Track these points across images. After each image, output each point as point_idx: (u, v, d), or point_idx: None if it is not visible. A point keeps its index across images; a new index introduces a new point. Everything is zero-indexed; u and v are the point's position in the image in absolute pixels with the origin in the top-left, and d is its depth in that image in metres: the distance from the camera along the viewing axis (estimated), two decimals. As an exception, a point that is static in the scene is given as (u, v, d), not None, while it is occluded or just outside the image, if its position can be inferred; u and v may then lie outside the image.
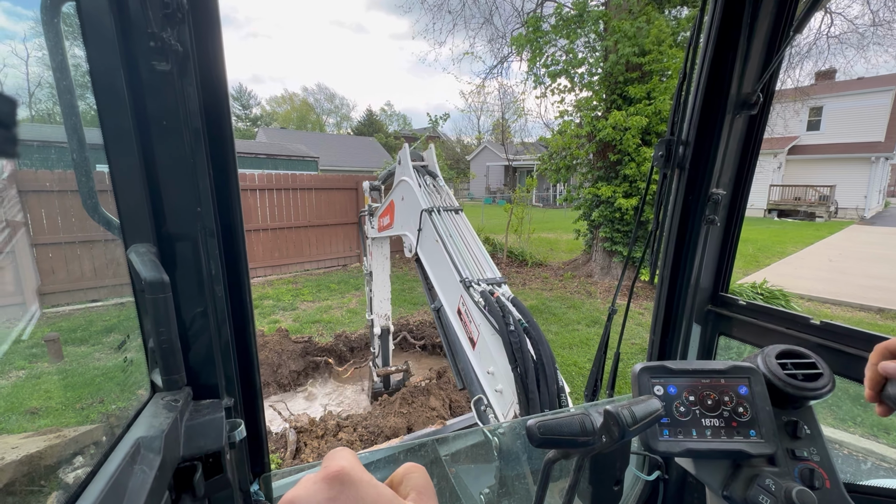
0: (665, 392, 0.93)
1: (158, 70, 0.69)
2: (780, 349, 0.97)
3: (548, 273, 10.96)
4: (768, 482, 0.83)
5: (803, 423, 0.90)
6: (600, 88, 9.67)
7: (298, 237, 10.85)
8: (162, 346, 0.74)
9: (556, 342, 6.70)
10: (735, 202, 1.36)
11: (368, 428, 4.26)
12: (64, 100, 0.71)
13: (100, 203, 0.78)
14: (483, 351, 1.99)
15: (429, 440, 1.35)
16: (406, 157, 3.21)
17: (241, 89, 59.23)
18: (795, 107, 18.07)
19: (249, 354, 0.95)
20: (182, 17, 0.69)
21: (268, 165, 21.98)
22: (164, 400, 0.75)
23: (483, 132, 30.48)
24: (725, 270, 1.40)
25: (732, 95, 1.25)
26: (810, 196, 24.83)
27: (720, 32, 1.23)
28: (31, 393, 4.02)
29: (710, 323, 1.43)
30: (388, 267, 4.90)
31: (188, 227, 0.77)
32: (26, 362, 4.28)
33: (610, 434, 0.75)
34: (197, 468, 0.75)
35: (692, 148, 1.32)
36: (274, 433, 4.26)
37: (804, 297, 8.87)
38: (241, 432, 0.85)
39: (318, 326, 7.24)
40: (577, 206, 10.66)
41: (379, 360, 5.03)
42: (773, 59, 1.21)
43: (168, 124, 0.72)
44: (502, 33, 13.64)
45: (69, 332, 3.21)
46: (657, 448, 0.89)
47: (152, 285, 0.71)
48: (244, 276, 0.90)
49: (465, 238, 2.55)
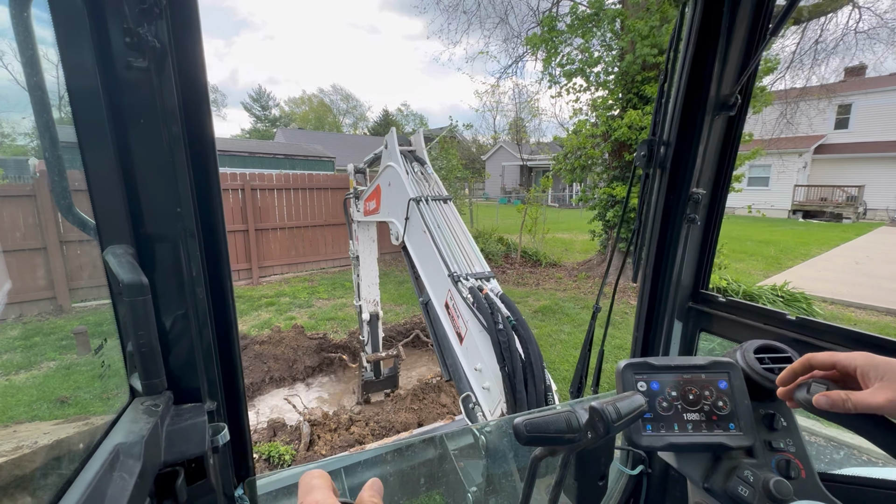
0: (648, 388, 0.94)
1: (135, 67, 0.67)
2: (758, 344, 0.99)
3: (562, 273, 10.89)
4: (747, 473, 0.85)
5: (780, 416, 0.92)
6: (616, 87, 9.57)
7: (314, 236, 11.04)
8: (141, 349, 0.72)
9: (569, 342, 6.67)
10: (714, 201, 1.37)
11: (380, 423, 4.34)
12: (35, 97, 0.68)
13: (74, 203, 0.76)
14: (470, 347, 1.99)
15: (415, 441, 1.36)
16: (393, 142, 3.09)
17: (261, 91, 60.39)
18: (821, 104, 17.46)
19: (233, 356, 0.94)
20: (160, 13, 0.67)
21: (286, 165, 22.35)
22: (144, 405, 0.73)
23: (499, 132, 30.34)
24: (705, 268, 1.42)
25: (712, 97, 1.27)
26: (837, 197, 23.94)
27: (699, 35, 1.25)
28: (60, 382, 4.24)
29: (691, 319, 1.45)
30: (374, 250, 4.79)
31: (167, 227, 0.76)
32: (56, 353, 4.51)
33: (595, 430, 0.77)
34: (179, 474, 0.74)
35: (673, 148, 1.34)
36: (288, 426, 4.37)
37: (827, 300, 8.58)
38: (225, 436, 0.84)
39: (333, 323, 7.36)
40: (593, 206, 10.56)
41: (368, 348, 4.93)
42: (750, 61, 1.23)
43: (146, 122, 0.71)
44: (517, 33, 13.62)
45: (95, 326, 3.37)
46: (641, 443, 0.90)
47: (131, 288, 0.69)
48: (226, 277, 0.89)
49: (454, 229, 2.50)
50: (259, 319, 7.56)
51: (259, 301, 8.51)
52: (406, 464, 1.32)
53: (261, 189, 10.13)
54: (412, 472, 1.32)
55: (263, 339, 5.99)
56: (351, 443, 4.06)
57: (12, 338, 4.94)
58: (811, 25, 11.56)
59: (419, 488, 1.36)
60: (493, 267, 10.97)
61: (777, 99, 13.65)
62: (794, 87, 14.25)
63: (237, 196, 9.84)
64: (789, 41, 11.54)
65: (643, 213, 1.43)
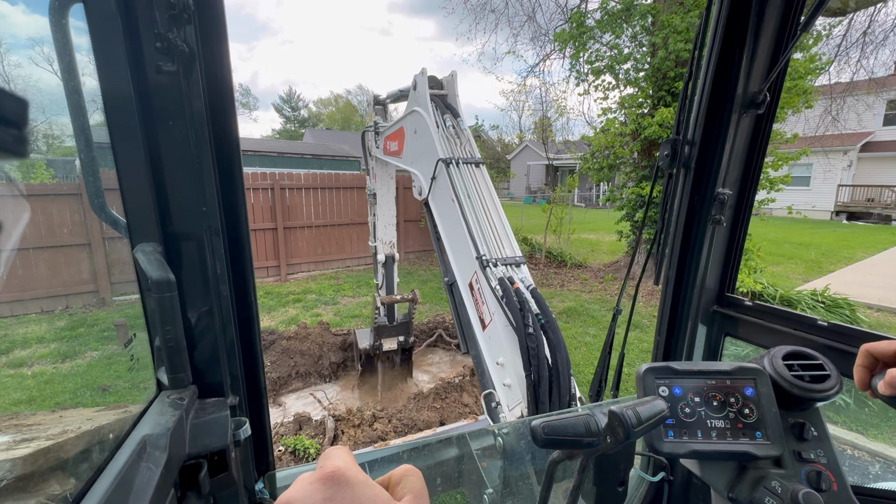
0: (670, 393, 0.92)
1: (165, 70, 0.69)
2: (787, 350, 0.96)
3: (587, 275, 10.71)
4: (774, 484, 0.82)
5: (810, 425, 0.89)
6: (647, 85, 9.32)
7: (340, 234, 11.25)
8: (168, 344, 0.74)
9: (594, 345, 6.57)
10: (741, 202, 1.33)
11: (403, 420, 4.39)
12: (72, 101, 0.71)
13: (106, 202, 0.79)
14: (494, 337, 1.92)
15: (433, 441, 1.35)
16: (423, 84, 2.65)
17: (291, 92, 61.93)
18: (869, 100, 16.51)
19: (254, 353, 0.95)
20: (188, 18, 0.69)
21: (313, 165, 22.83)
22: (170, 398, 0.75)
23: (524, 131, 29.89)
24: (731, 271, 1.38)
25: (739, 95, 1.23)
26: (886, 197, 22.59)
27: (726, 31, 1.21)
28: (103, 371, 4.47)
29: (715, 324, 1.41)
30: (393, 188, 4.51)
31: (194, 226, 0.78)
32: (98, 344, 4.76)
33: (614, 435, 0.74)
34: (202, 466, 0.75)
35: (698, 147, 1.31)
36: (313, 420, 4.47)
37: (872, 306, 8.12)
38: (246, 430, 0.86)
39: (358, 321, 7.47)
40: (620, 206, 10.34)
41: (383, 291, 4.76)
42: (780, 58, 1.18)
43: (174, 124, 0.73)
44: (545, 30, 13.45)
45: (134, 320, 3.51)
46: (662, 449, 0.88)
47: (158, 284, 0.71)
48: (249, 275, 0.90)
49: (485, 200, 2.30)
50: (286, 315, 7.75)
51: (286, 297, 8.72)
52: (423, 462, 1.34)
53: (289, 188, 10.39)
54: (428, 471, 1.33)
55: (290, 334, 6.13)
56: (374, 439, 4.12)
57: (60, 328, 5.25)
58: (858, 16, 10.94)
59: (436, 488, 1.36)
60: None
61: (822, 94, 12.98)
62: (840, 81, 13.49)
63: (267, 195, 10.05)
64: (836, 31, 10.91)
65: (666, 214, 1.40)
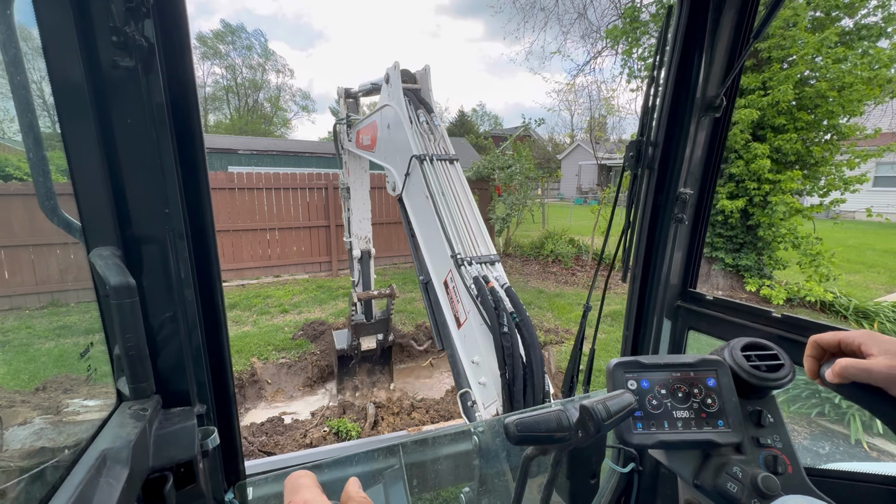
0: (638, 386, 0.95)
1: (122, 66, 0.66)
2: (745, 342, 1.00)
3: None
4: (735, 470, 0.86)
5: (767, 412, 0.93)
6: (704, 80, 8.95)
7: (388, 233, 11.37)
8: (129, 353, 0.70)
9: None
10: (701, 201, 1.39)
11: (440, 411, 4.53)
12: (18, 96, 0.66)
13: (59, 205, 0.74)
14: (469, 336, 1.92)
15: (408, 441, 1.33)
16: (396, 77, 2.59)
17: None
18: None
19: (223, 359, 0.92)
20: (147, 12, 0.67)
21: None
22: (132, 409, 0.72)
23: (575, 130, 29.15)
24: (693, 267, 1.44)
25: (698, 99, 1.29)
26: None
27: (685, 38, 1.27)
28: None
29: (679, 318, 1.46)
30: (367, 181, 4.47)
31: (155, 228, 0.74)
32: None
33: (586, 429, 0.76)
34: (168, 478, 0.72)
35: (661, 149, 1.36)
36: (356, 405, 4.62)
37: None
38: (215, 440, 0.83)
39: (402, 315, 7.58)
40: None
41: (359, 287, 4.73)
42: (735, 64, 1.25)
43: (132, 122, 0.70)
44: (596, 27, 12.68)
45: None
46: (631, 441, 0.90)
47: (118, 290, 0.67)
48: (216, 278, 0.87)
49: (459, 198, 2.27)
50: (336, 308, 8.12)
51: (337, 291, 9.16)
52: (400, 462, 1.33)
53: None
54: (405, 471, 1.32)
55: (339, 326, 6.56)
56: (410, 426, 4.24)
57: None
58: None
59: (413, 488, 1.36)
60: (561, 269, 10.99)
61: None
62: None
63: (321, 194, 10.50)
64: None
65: (631, 214, 1.45)
